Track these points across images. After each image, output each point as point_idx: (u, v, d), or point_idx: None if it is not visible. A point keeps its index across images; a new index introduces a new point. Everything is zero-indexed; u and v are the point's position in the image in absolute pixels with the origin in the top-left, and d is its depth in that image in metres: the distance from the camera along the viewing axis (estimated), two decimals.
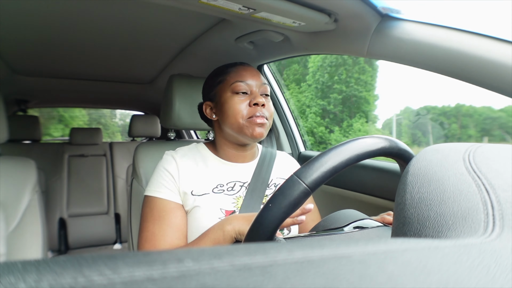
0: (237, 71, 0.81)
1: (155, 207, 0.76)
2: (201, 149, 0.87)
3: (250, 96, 0.79)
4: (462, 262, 0.18)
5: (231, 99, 0.79)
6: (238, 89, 0.79)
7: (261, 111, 0.77)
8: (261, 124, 0.77)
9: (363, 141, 0.48)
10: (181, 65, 1.48)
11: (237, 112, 0.77)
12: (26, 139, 2.22)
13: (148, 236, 0.75)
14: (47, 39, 1.21)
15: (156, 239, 0.74)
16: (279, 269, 0.15)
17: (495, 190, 0.25)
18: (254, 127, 0.77)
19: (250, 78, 0.80)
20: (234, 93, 0.79)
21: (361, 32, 0.83)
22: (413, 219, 0.26)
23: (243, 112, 0.77)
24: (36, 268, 0.13)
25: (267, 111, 0.79)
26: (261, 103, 0.77)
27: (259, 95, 0.80)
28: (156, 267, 0.14)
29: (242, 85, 0.79)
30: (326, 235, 0.61)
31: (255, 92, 0.80)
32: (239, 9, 0.78)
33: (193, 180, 0.79)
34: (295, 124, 1.53)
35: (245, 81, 0.79)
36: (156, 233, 0.74)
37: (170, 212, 0.76)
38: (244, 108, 0.78)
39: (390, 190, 1.02)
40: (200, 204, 0.76)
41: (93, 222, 2.32)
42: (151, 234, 0.75)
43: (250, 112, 0.77)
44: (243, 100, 0.78)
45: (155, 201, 0.77)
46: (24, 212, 0.95)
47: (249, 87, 0.80)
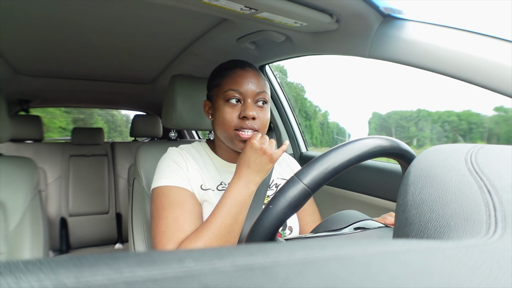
0: (233, 76, 0.78)
1: (171, 194, 0.73)
2: (204, 148, 0.87)
3: (243, 106, 0.76)
4: (464, 263, 0.18)
5: (222, 107, 0.77)
6: (230, 97, 0.76)
7: (250, 124, 0.75)
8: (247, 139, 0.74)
9: (364, 141, 0.48)
10: (183, 65, 1.48)
11: (225, 122, 0.76)
12: (28, 139, 2.23)
13: (169, 223, 0.69)
14: (49, 39, 1.21)
15: (179, 223, 0.68)
16: (280, 270, 0.15)
17: (497, 191, 0.25)
18: (239, 142, 0.75)
19: (245, 85, 0.77)
20: (226, 101, 0.77)
21: (363, 32, 0.83)
22: (415, 220, 0.26)
23: (232, 124, 0.76)
24: (38, 268, 0.13)
25: (259, 122, 0.76)
26: (251, 116, 0.74)
27: (251, 106, 0.76)
28: (158, 267, 0.14)
29: (235, 94, 0.76)
30: (327, 235, 0.61)
31: (248, 103, 0.76)
32: (241, 9, 0.78)
33: (200, 175, 0.79)
34: (297, 124, 1.53)
35: (239, 90, 0.76)
36: (179, 217, 0.69)
37: (190, 198, 0.73)
38: (234, 118, 0.76)
39: (391, 191, 1.02)
40: (208, 199, 0.76)
41: (94, 221, 2.32)
42: (172, 220, 0.69)
43: (239, 124, 0.75)
44: (234, 110, 0.76)
45: (170, 189, 0.73)
46: (26, 212, 0.95)
47: (243, 96, 0.76)
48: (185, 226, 0.68)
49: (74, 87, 1.94)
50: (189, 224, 0.69)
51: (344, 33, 0.88)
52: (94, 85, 1.92)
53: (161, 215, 0.71)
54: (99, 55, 1.43)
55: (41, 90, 1.98)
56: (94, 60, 1.51)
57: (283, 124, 1.52)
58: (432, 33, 0.72)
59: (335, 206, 1.24)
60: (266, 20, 0.85)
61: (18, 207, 0.94)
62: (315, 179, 0.44)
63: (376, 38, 0.82)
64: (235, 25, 1.00)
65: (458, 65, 0.68)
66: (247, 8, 0.77)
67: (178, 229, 0.68)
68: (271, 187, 0.85)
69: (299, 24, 0.86)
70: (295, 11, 0.78)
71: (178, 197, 0.73)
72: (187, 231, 0.68)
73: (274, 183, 0.87)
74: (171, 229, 0.68)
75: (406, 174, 0.30)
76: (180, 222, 0.69)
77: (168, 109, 1.05)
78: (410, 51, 0.76)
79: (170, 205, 0.71)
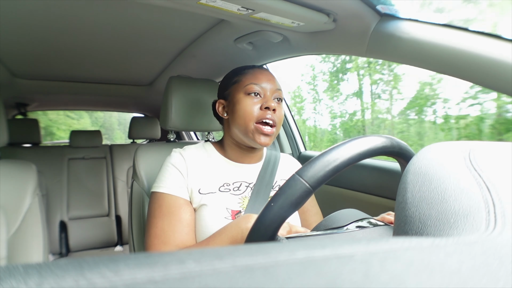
0: (253, 73, 0.82)
1: (163, 203, 0.76)
2: (208, 149, 0.87)
3: (263, 99, 0.80)
4: (465, 260, 0.18)
5: (243, 100, 0.79)
6: (251, 90, 0.79)
7: (271, 116, 0.78)
8: (267, 134, 0.77)
9: (364, 140, 0.48)
10: (181, 67, 1.48)
11: (247, 114, 0.78)
12: (26, 142, 2.22)
13: (157, 232, 0.74)
14: (46, 42, 1.21)
15: (165, 235, 0.73)
16: (281, 270, 0.15)
17: (496, 188, 0.25)
18: (260, 136, 0.77)
19: (265, 81, 0.80)
20: (247, 94, 0.79)
21: (360, 31, 0.83)
22: (415, 218, 0.26)
23: (253, 114, 0.78)
24: (38, 271, 0.13)
25: (277, 116, 0.79)
26: (273, 107, 0.77)
27: (271, 99, 0.80)
28: (158, 269, 0.14)
29: (256, 87, 0.79)
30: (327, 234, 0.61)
31: (268, 96, 0.80)
32: (237, 10, 0.78)
33: (201, 178, 0.79)
34: (295, 125, 1.54)
35: (259, 84, 0.80)
36: (165, 228, 0.74)
37: (179, 208, 0.76)
38: (255, 110, 0.78)
39: (391, 189, 1.02)
40: (206, 202, 0.76)
41: (94, 224, 2.31)
42: (160, 230, 0.74)
43: (260, 116, 0.77)
44: (256, 103, 0.79)
45: (163, 197, 0.76)
46: (25, 216, 0.95)
47: (263, 90, 0.80)
48: (170, 238, 0.73)
49: (72, 90, 1.93)
50: (174, 235, 0.73)
51: (341, 33, 0.88)
52: (92, 87, 1.92)
53: (151, 223, 0.76)
54: (97, 57, 1.43)
55: (39, 93, 1.97)
56: (91, 62, 1.51)
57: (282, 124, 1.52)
58: (429, 32, 0.72)
59: (335, 205, 1.24)
60: (263, 21, 0.85)
61: (18, 211, 0.94)
62: (315, 177, 0.44)
63: (373, 37, 0.82)
64: (232, 26, 1.00)
65: (455, 63, 0.68)
66: (244, 8, 0.77)
67: (162, 241, 0.73)
68: (274, 187, 0.86)
69: (296, 24, 0.86)
70: (292, 11, 0.78)
71: (169, 207, 0.75)
72: (171, 244, 0.73)
73: (277, 184, 0.87)
74: (157, 240, 0.74)
75: (405, 172, 0.30)
76: (166, 235, 0.73)
77: (166, 111, 1.05)
78: (407, 50, 0.76)
79: (160, 214, 0.75)
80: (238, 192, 0.80)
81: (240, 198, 0.80)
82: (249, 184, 0.83)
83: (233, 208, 0.77)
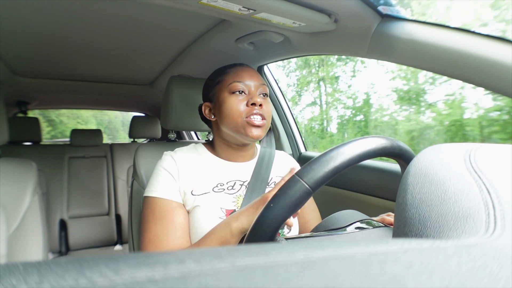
0: (235, 71, 0.82)
1: (156, 207, 0.76)
2: (200, 149, 0.87)
3: (248, 96, 0.79)
4: (464, 262, 0.18)
5: (228, 99, 0.79)
6: (235, 88, 0.79)
7: (258, 111, 0.77)
8: (258, 126, 0.77)
9: (365, 141, 0.48)
10: (182, 66, 1.48)
11: (234, 112, 0.78)
12: (26, 140, 2.22)
13: (151, 238, 0.74)
14: (47, 41, 1.21)
15: (159, 239, 0.73)
16: (280, 270, 0.15)
17: (496, 190, 0.25)
18: (251, 128, 0.77)
19: (248, 78, 0.80)
20: (231, 93, 0.79)
21: (361, 32, 0.83)
22: (415, 220, 0.26)
23: (241, 111, 0.77)
24: (37, 270, 0.13)
25: (265, 111, 0.79)
26: (259, 102, 0.77)
27: (257, 95, 0.80)
28: (158, 268, 0.14)
29: (240, 85, 0.79)
30: (327, 235, 0.61)
31: (253, 92, 0.80)
32: (239, 10, 0.78)
33: (193, 180, 0.79)
34: (296, 125, 1.53)
35: (243, 81, 0.80)
36: (159, 233, 0.74)
37: (171, 211, 0.76)
38: (241, 107, 0.78)
39: (391, 191, 1.02)
40: (200, 203, 0.76)
41: (94, 223, 2.31)
42: (153, 235, 0.74)
43: (248, 112, 0.77)
44: (241, 100, 0.79)
45: (156, 202, 0.76)
46: (25, 214, 0.95)
47: (247, 87, 0.80)
48: (163, 243, 0.73)
49: (73, 89, 1.93)
50: (168, 240, 0.73)
51: (342, 33, 0.88)
52: (93, 86, 1.92)
53: (145, 228, 0.76)
54: (98, 56, 1.43)
55: (40, 91, 1.97)
56: (92, 61, 1.51)
57: (282, 124, 1.52)
58: (431, 33, 0.72)
59: (334, 206, 1.23)
60: (265, 21, 0.85)
61: (18, 209, 0.94)
62: (315, 178, 0.44)
63: (374, 38, 0.82)
64: (234, 26, 1.00)
65: (456, 64, 0.68)
66: (245, 8, 0.77)
67: (155, 246, 0.73)
68: (270, 184, 0.85)
69: (298, 24, 0.86)
70: (293, 11, 0.78)
71: (162, 211, 0.76)
72: (165, 249, 0.72)
73: (272, 181, 0.87)
74: (151, 245, 0.74)
75: (405, 174, 0.30)
76: (160, 239, 0.73)
77: (167, 110, 1.05)
78: (408, 51, 0.76)
79: (153, 219, 0.75)
80: (233, 191, 0.80)
81: (235, 197, 0.79)
82: (243, 183, 0.83)
83: (227, 208, 0.77)
